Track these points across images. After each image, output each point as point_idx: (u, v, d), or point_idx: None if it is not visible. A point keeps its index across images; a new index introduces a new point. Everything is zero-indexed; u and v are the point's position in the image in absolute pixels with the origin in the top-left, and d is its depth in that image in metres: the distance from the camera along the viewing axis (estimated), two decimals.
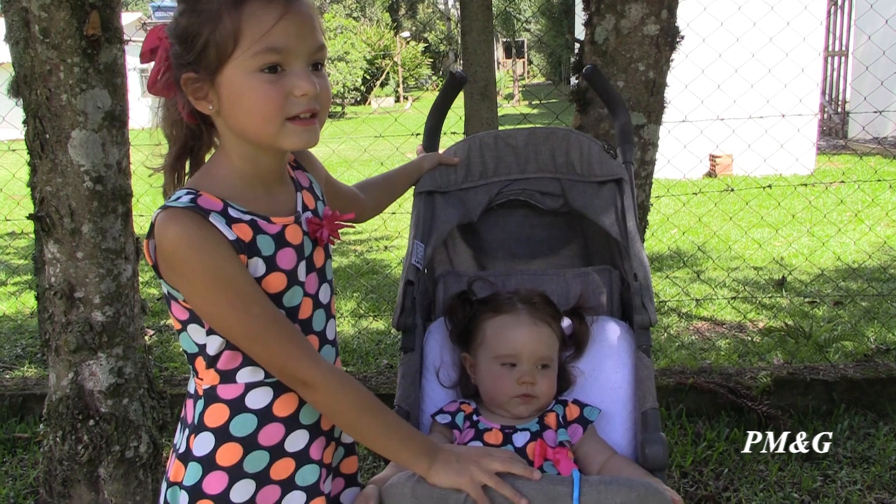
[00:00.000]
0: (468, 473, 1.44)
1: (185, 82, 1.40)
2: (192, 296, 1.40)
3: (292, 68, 1.38)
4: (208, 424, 1.48)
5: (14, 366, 4.58)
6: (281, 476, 1.50)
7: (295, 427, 1.51)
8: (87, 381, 2.66)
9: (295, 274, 1.49)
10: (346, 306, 5.59)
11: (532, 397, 1.81)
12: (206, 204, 1.39)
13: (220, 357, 1.46)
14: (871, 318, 4.84)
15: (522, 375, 1.81)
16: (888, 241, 6.75)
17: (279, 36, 1.35)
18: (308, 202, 1.58)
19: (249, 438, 1.47)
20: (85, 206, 2.55)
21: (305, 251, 1.52)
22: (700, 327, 4.83)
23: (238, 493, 1.47)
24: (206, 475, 1.46)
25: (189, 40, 1.37)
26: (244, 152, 1.46)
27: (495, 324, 1.88)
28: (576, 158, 2.18)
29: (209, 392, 1.48)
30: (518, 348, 1.83)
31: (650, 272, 2.00)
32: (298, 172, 1.63)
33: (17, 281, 6.66)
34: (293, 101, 1.38)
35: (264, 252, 1.44)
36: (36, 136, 2.54)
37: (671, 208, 8.13)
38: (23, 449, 3.57)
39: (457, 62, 34.81)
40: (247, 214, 1.43)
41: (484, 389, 1.87)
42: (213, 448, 1.47)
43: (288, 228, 1.49)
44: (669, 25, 2.83)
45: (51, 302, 2.64)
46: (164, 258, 1.38)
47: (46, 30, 2.44)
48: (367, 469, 3.30)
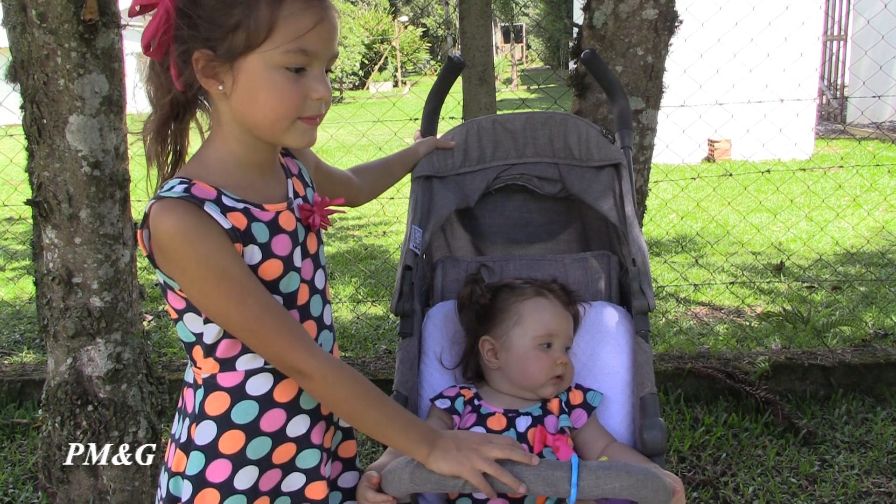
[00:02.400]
0: (468, 461, 1.44)
1: (198, 59, 1.38)
2: (188, 286, 1.40)
3: (312, 71, 1.40)
4: (209, 413, 1.48)
5: (12, 351, 4.58)
6: (282, 460, 1.51)
7: (296, 412, 1.52)
8: (85, 366, 2.66)
9: (291, 260, 1.49)
10: (345, 292, 5.59)
11: (562, 379, 1.84)
12: (199, 193, 1.38)
13: (218, 345, 1.46)
14: (869, 303, 4.85)
15: (560, 356, 1.83)
16: (886, 225, 6.75)
17: (313, 40, 1.37)
18: (298, 189, 1.59)
19: (251, 425, 1.48)
20: (83, 192, 2.55)
21: (299, 237, 1.53)
22: (698, 312, 4.84)
23: (241, 480, 1.47)
24: (209, 464, 1.47)
25: (216, 18, 1.35)
26: (243, 138, 1.46)
27: (532, 306, 1.88)
28: (574, 143, 2.17)
29: (209, 381, 1.48)
30: (555, 329, 1.85)
31: (648, 257, 2.00)
32: (288, 159, 1.63)
33: (15, 266, 6.65)
34: (309, 103, 1.41)
35: (259, 239, 1.44)
36: (33, 122, 2.54)
37: (670, 193, 8.13)
38: (21, 434, 3.58)
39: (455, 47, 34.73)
40: (240, 203, 1.43)
41: (516, 371, 1.86)
42: (215, 436, 1.47)
43: (281, 215, 1.49)
44: (668, 10, 2.82)
45: (49, 287, 2.64)
46: (159, 249, 1.38)
47: (44, 14, 2.43)
48: (365, 454, 3.31)
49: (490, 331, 1.92)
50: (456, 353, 2.01)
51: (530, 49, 50.82)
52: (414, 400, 1.92)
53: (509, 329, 1.88)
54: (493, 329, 1.91)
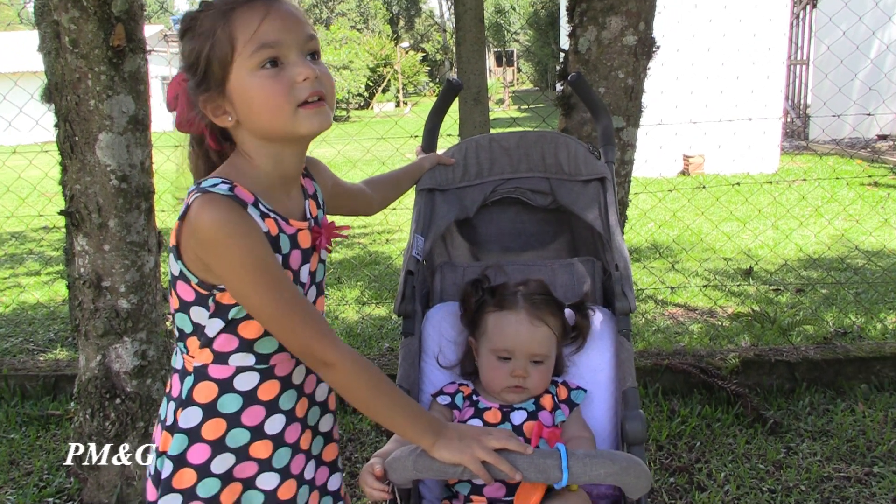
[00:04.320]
0: (469, 451, 1.43)
1: (204, 104, 1.39)
2: (228, 275, 1.37)
3: (289, 59, 1.37)
4: (197, 400, 1.46)
5: (47, 349, 4.57)
6: (260, 456, 1.48)
7: (274, 411, 1.49)
8: (113, 362, 2.66)
9: (298, 275, 1.48)
10: (351, 294, 5.58)
11: (522, 389, 1.81)
12: (241, 195, 1.37)
13: (216, 339, 1.45)
14: (829, 304, 4.85)
15: (515, 370, 1.79)
16: (845, 233, 6.75)
17: (268, 31, 1.35)
18: (312, 210, 1.57)
19: (234, 416, 1.46)
20: (111, 203, 2.55)
21: (308, 256, 1.52)
22: (674, 313, 4.83)
23: (218, 465, 1.45)
24: (190, 446, 1.45)
25: (195, 63, 1.38)
26: (268, 152, 1.44)
27: (496, 318, 1.85)
28: (564, 159, 2.17)
29: (200, 370, 1.46)
30: (512, 345, 1.80)
31: (630, 262, 1.99)
32: (306, 180, 1.61)
33: (50, 271, 6.64)
34: (298, 87, 1.37)
35: (283, 250, 1.43)
36: (66, 139, 2.53)
37: (648, 204, 8.13)
38: (55, 425, 3.56)
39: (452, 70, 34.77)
40: (272, 213, 1.42)
41: (482, 375, 1.86)
42: (199, 422, 1.45)
43: (301, 233, 1.48)
44: (646, 36, 2.82)
45: (80, 291, 2.63)
46: (198, 239, 1.35)
47: (76, 41, 2.43)
48: (346, 456, 3.28)
49: (473, 333, 1.92)
50: (452, 353, 2.00)
51: (521, 72, 50.85)
52: (415, 394, 1.91)
53: (479, 336, 1.88)
54: (475, 332, 1.91)
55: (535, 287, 1.91)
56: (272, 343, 1.46)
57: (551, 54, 35.57)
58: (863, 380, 3.67)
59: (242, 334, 1.45)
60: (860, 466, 2.97)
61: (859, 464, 2.99)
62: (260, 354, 1.47)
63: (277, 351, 1.48)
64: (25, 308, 5.51)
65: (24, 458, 3.29)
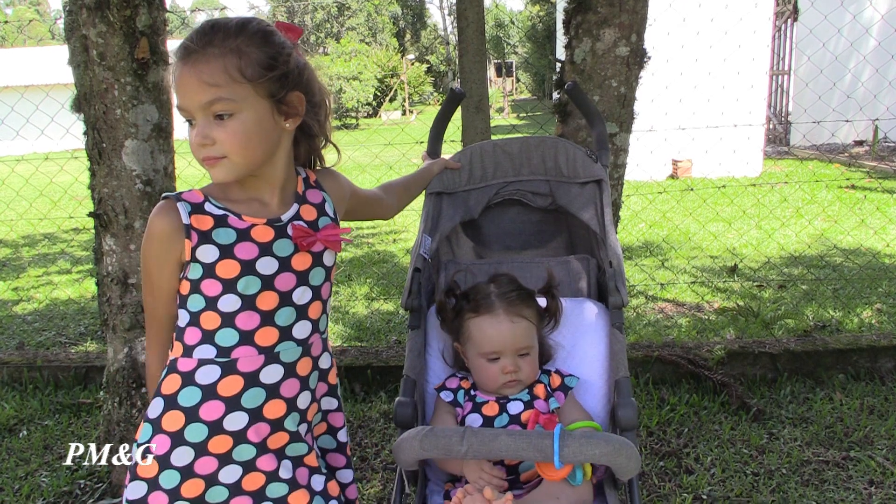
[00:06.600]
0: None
1: None
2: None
3: (197, 120, 1.39)
4: (162, 391, 1.44)
5: (78, 342, 4.58)
6: (219, 450, 1.43)
7: (235, 409, 1.43)
8: (139, 354, 2.66)
9: (253, 265, 1.44)
10: (360, 290, 5.58)
11: (517, 381, 1.80)
12: (189, 197, 1.45)
13: (185, 330, 1.44)
14: (809, 299, 4.84)
15: (505, 367, 1.79)
16: (824, 233, 6.73)
17: (178, 94, 1.38)
18: (306, 215, 1.54)
19: (192, 410, 1.42)
20: (136, 205, 2.55)
21: (277, 251, 1.47)
22: (664, 307, 4.82)
23: (177, 458, 1.41)
24: (154, 436, 1.42)
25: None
26: None
27: (476, 324, 1.83)
28: (563, 163, 2.17)
29: (172, 362, 1.46)
30: (499, 346, 1.79)
31: (623, 260, 1.99)
32: (314, 191, 1.60)
33: (80, 270, 6.65)
34: (194, 148, 1.41)
35: (220, 241, 1.42)
36: (94, 146, 2.54)
37: (639, 205, 8.12)
38: (86, 413, 3.57)
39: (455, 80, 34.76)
40: (220, 210, 1.45)
41: (477, 377, 1.85)
42: (160, 413, 1.43)
43: (256, 227, 1.46)
44: (638, 48, 2.81)
45: (108, 287, 2.64)
46: None
47: (103, 54, 2.43)
48: (356, 442, 3.30)
49: (458, 339, 1.91)
50: (450, 353, 2.00)
51: (519, 82, 50.84)
52: (421, 383, 1.92)
53: (465, 342, 1.87)
54: (460, 338, 1.90)
55: (506, 284, 1.88)
56: (232, 335, 1.43)
57: (548, 65, 35.53)
58: (840, 370, 3.66)
59: (203, 325, 1.43)
60: (838, 451, 2.96)
61: (837, 448, 2.98)
62: (220, 347, 1.43)
63: (239, 344, 1.43)
64: (57, 304, 5.53)
65: (58, 443, 3.29)
